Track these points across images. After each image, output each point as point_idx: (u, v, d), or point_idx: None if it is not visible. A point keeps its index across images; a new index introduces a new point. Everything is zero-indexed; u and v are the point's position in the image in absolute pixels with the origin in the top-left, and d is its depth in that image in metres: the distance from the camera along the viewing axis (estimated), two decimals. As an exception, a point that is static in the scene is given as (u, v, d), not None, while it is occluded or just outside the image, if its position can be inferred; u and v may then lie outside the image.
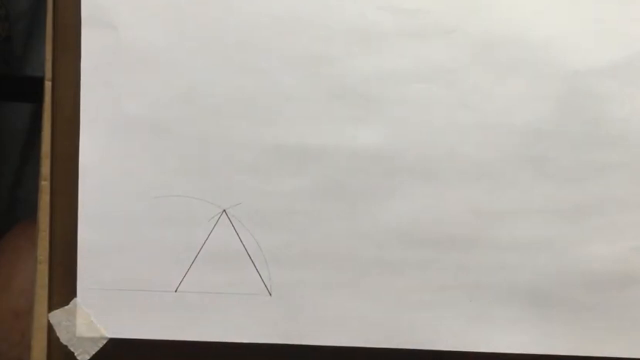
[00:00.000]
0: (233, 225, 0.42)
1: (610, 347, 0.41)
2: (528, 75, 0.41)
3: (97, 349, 0.42)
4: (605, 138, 0.41)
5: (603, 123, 0.41)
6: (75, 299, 0.42)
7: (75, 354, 0.42)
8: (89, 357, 0.42)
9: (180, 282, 0.42)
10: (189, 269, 0.42)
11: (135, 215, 0.42)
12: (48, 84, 0.42)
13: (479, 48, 0.41)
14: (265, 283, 0.42)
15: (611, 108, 0.41)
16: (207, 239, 0.42)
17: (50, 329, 0.42)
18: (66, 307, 0.42)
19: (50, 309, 0.42)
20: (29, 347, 0.42)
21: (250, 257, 0.42)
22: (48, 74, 0.42)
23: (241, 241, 0.42)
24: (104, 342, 0.42)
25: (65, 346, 0.42)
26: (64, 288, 0.42)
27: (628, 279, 0.41)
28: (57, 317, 0.42)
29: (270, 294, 0.42)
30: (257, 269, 0.42)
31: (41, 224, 0.42)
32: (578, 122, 0.41)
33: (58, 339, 0.42)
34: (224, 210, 0.42)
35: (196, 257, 0.42)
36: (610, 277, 0.41)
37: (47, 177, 0.42)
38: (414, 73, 0.41)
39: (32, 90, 0.50)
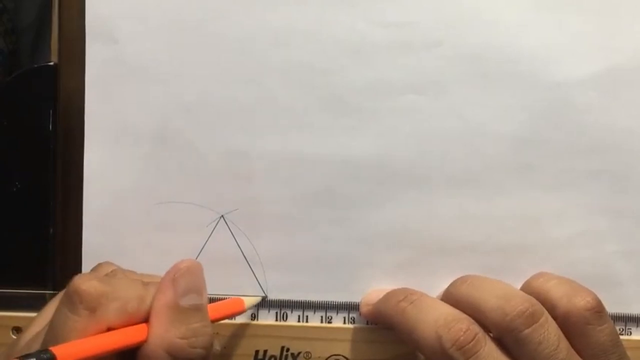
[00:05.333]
0: (230, 230, 0.43)
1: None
2: (513, 87, 0.42)
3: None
4: (586, 147, 0.42)
5: (584, 132, 0.42)
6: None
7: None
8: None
9: (180, 285, 0.43)
10: (188, 272, 0.43)
11: (137, 221, 0.43)
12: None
13: (466, 60, 0.42)
14: (262, 285, 0.43)
15: (592, 118, 0.42)
16: (205, 243, 0.43)
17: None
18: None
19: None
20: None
21: (247, 261, 0.43)
22: (54, 85, 0.43)
23: (238, 245, 0.43)
24: None
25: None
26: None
27: (609, 282, 0.42)
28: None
29: (267, 296, 0.43)
30: (253, 272, 0.43)
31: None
32: (561, 132, 0.42)
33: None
34: (222, 216, 0.43)
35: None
36: (592, 280, 0.41)
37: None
38: (403, 84, 0.42)
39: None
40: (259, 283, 0.43)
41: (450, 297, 0.39)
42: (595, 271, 0.42)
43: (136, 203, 0.43)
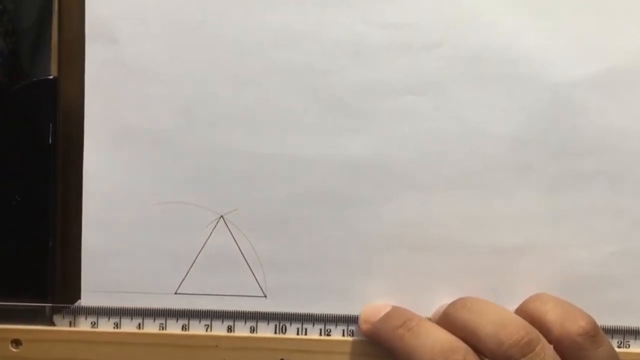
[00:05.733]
0: (230, 231, 0.43)
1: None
2: (511, 88, 0.42)
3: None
4: (584, 148, 0.42)
5: (581, 133, 0.42)
6: (79, 300, 0.43)
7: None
8: (92, 357, 0.43)
9: (180, 285, 0.43)
10: (187, 272, 0.43)
11: (137, 222, 0.43)
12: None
13: (465, 61, 0.42)
14: (261, 285, 0.43)
15: (589, 119, 0.42)
16: (205, 243, 0.43)
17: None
18: (71, 308, 0.43)
19: (56, 310, 0.43)
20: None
21: (246, 261, 0.43)
22: (53, 86, 0.43)
23: (237, 246, 0.43)
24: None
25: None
26: (69, 290, 0.43)
27: (606, 283, 0.43)
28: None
29: (265, 296, 0.43)
30: (252, 272, 0.43)
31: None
32: (558, 133, 0.42)
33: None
34: (222, 216, 0.43)
35: (195, 260, 0.43)
36: (590, 280, 0.42)
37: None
38: (402, 85, 0.42)
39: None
40: (258, 283, 0.43)
41: (448, 320, 0.39)
42: (594, 272, 0.43)
43: (136, 203, 0.43)
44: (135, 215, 0.43)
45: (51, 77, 0.43)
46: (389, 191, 0.43)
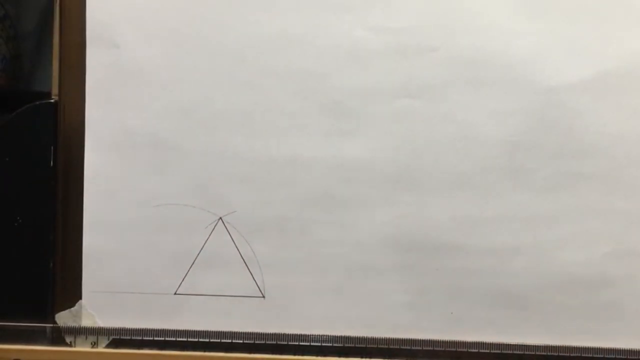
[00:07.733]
0: (229, 232, 0.43)
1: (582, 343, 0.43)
2: (506, 91, 0.43)
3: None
4: (578, 150, 0.43)
5: (576, 136, 0.43)
6: (80, 301, 0.43)
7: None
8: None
9: (179, 285, 0.43)
10: (187, 273, 0.43)
11: (137, 223, 0.43)
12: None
13: (461, 65, 0.43)
14: (259, 286, 0.43)
15: (583, 122, 0.43)
16: (204, 245, 0.43)
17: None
18: (72, 308, 0.43)
19: (57, 310, 0.43)
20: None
21: (244, 262, 0.43)
22: (54, 90, 0.44)
23: (236, 247, 0.43)
24: (107, 341, 0.44)
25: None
26: (70, 291, 0.44)
27: (601, 283, 0.43)
28: (63, 317, 0.44)
29: (264, 296, 0.44)
30: (251, 273, 0.43)
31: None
32: (553, 135, 0.43)
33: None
34: (220, 218, 0.43)
35: (194, 261, 0.43)
36: (584, 281, 0.43)
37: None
38: (398, 89, 0.43)
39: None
40: (256, 284, 0.43)
41: None
42: (588, 272, 0.43)
43: (136, 205, 0.43)
44: (135, 217, 0.43)
45: (52, 100, 0.44)
46: (386, 193, 0.43)
